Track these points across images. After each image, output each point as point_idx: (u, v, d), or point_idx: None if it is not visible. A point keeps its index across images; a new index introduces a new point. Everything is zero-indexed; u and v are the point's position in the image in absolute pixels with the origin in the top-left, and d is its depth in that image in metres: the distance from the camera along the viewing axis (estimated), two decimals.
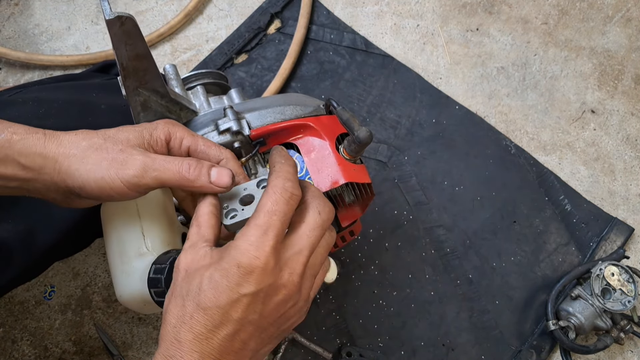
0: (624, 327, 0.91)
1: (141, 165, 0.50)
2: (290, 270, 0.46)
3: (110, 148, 0.51)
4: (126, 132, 0.53)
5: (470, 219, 1.00)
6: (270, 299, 0.46)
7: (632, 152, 1.05)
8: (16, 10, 1.14)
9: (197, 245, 0.48)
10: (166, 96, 0.62)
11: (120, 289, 0.59)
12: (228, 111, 0.63)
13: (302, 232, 0.48)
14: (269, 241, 0.45)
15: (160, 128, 0.54)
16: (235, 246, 0.45)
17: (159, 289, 0.52)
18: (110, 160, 0.50)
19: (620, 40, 1.12)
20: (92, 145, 0.51)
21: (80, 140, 0.51)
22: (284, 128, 0.65)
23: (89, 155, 0.51)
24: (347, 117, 0.62)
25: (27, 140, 0.51)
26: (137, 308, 0.61)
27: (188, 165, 0.51)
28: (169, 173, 0.51)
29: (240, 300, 0.44)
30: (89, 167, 0.50)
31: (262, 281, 0.44)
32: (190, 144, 0.55)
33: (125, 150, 0.51)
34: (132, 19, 0.52)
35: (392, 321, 0.94)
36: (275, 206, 0.46)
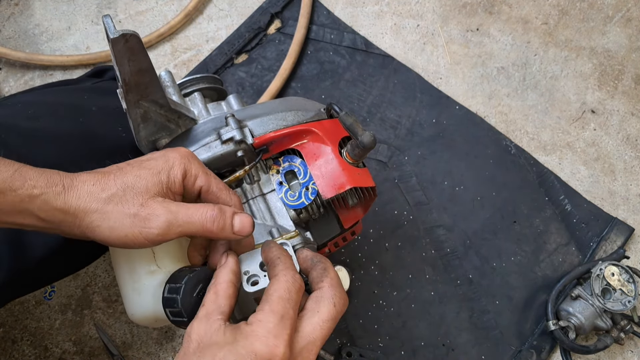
0: (624, 327, 0.91)
1: (165, 223, 0.50)
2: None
3: (130, 201, 0.50)
4: (144, 180, 0.52)
5: (470, 219, 1.00)
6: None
7: (632, 152, 1.05)
8: (16, 10, 1.14)
9: (211, 316, 0.47)
10: (165, 106, 0.61)
11: (132, 308, 0.59)
12: (230, 120, 0.63)
13: (315, 323, 0.48)
14: (286, 330, 0.45)
15: (177, 167, 0.53)
16: (252, 331, 0.45)
17: (175, 309, 0.51)
18: (133, 217, 0.50)
19: (620, 40, 1.12)
20: (111, 197, 0.50)
21: (99, 191, 0.51)
22: (287, 134, 0.65)
23: (109, 210, 0.50)
24: (351, 122, 0.62)
25: (47, 195, 0.49)
26: (148, 324, 0.61)
27: (212, 218, 0.51)
28: (193, 227, 0.51)
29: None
30: (111, 225, 0.50)
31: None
32: (203, 185, 0.54)
33: (146, 204, 0.51)
34: (137, 36, 0.51)
35: (392, 321, 0.94)
36: (288, 294, 0.47)
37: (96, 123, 0.74)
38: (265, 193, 0.65)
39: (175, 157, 0.54)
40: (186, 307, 0.51)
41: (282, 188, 0.65)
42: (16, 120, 0.68)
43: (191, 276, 0.52)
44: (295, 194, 0.64)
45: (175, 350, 0.91)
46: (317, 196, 0.64)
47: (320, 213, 0.67)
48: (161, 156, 0.54)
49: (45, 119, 0.70)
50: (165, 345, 0.92)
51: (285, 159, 0.66)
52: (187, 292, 0.51)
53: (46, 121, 0.70)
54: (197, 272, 0.53)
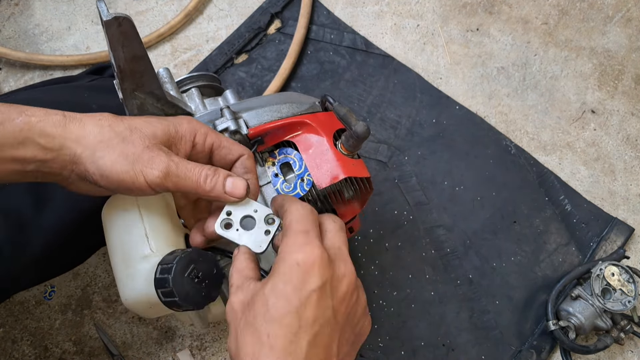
0: (624, 327, 0.91)
1: (165, 168, 0.51)
2: (342, 261, 0.48)
3: (137, 142, 0.51)
4: (153, 127, 0.52)
5: (470, 219, 1.00)
6: (336, 290, 0.46)
7: (632, 152, 1.05)
8: (16, 10, 1.14)
9: (243, 284, 0.49)
10: (162, 98, 0.62)
11: (126, 293, 0.59)
12: (225, 111, 0.63)
13: (331, 235, 0.50)
14: (314, 238, 0.47)
15: (185, 125, 0.55)
16: (285, 252, 0.46)
17: (167, 289, 0.52)
18: (136, 156, 0.50)
19: (620, 40, 1.12)
20: (118, 134, 0.50)
21: (106, 126, 0.51)
22: (281, 126, 0.65)
23: (113, 145, 0.50)
24: (344, 112, 0.63)
25: (46, 121, 0.49)
26: (142, 311, 0.61)
27: (206, 175, 0.52)
28: (188, 182, 0.52)
29: (311, 298, 0.44)
30: (114, 158, 0.50)
31: (324, 273, 0.45)
32: (214, 140, 0.56)
33: (151, 147, 0.51)
34: (130, 19, 0.52)
35: (392, 321, 0.94)
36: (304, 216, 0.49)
37: None
38: (261, 185, 0.66)
39: (183, 117, 0.56)
40: (178, 287, 0.51)
41: (278, 180, 0.65)
42: None
43: (182, 256, 0.52)
44: (290, 186, 0.65)
45: (175, 350, 0.91)
46: (313, 187, 0.65)
47: (318, 207, 0.67)
48: (172, 117, 0.56)
49: None
50: (165, 345, 0.91)
51: (280, 151, 0.67)
52: (178, 271, 0.51)
53: None
54: (188, 253, 0.53)
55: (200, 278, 0.53)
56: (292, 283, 0.44)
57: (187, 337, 0.92)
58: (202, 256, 0.54)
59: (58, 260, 0.74)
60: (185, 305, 0.52)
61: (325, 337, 0.44)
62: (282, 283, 0.44)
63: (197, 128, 0.55)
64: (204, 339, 0.92)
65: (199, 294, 0.53)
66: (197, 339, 0.92)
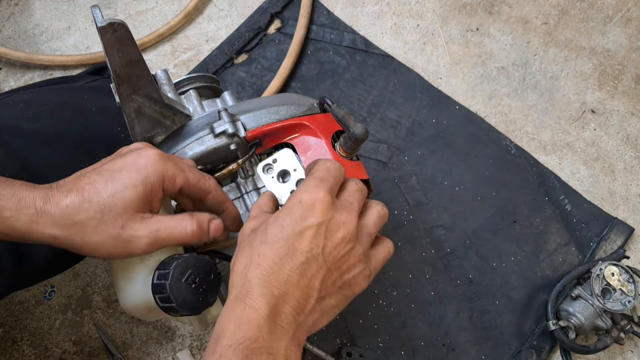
0: (624, 327, 0.90)
1: (148, 243, 0.52)
2: (346, 211, 0.50)
3: (110, 223, 0.51)
4: (121, 200, 0.51)
5: (470, 219, 1.00)
6: (331, 234, 0.48)
7: (632, 152, 1.05)
8: (16, 10, 1.14)
9: (258, 215, 0.53)
10: (160, 101, 0.62)
11: (124, 297, 0.59)
12: (223, 114, 0.63)
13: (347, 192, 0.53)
14: (325, 185, 0.50)
15: (152, 176, 0.52)
16: (297, 191, 0.50)
17: (164, 295, 0.52)
18: (115, 239, 0.51)
19: (620, 40, 1.12)
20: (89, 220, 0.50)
21: (75, 214, 0.50)
22: (280, 128, 0.65)
23: (89, 232, 0.51)
24: (342, 114, 0.63)
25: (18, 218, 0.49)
26: (141, 315, 0.61)
27: (192, 231, 0.54)
28: (175, 240, 0.54)
29: (305, 232, 0.48)
30: (94, 247, 0.51)
31: (323, 213, 0.48)
32: (183, 183, 0.55)
33: (126, 226, 0.51)
34: (125, 25, 0.52)
35: (392, 321, 0.94)
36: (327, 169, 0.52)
37: (96, 123, 0.74)
38: (259, 187, 0.66)
39: (147, 163, 0.53)
40: (175, 293, 0.51)
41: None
42: (17, 121, 0.68)
43: (179, 262, 0.52)
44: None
45: (175, 350, 0.91)
46: None
47: None
48: (132, 164, 0.52)
49: (46, 120, 0.70)
50: (165, 345, 0.92)
51: None
52: (175, 277, 0.51)
53: (47, 122, 0.70)
54: (185, 258, 0.53)
55: (198, 283, 0.53)
56: (291, 216, 0.48)
57: (187, 337, 0.92)
58: (199, 261, 0.54)
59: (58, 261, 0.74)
60: (183, 311, 0.52)
61: (309, 270, 0.47)
62: (283, 214, 0.49)
63: (165, 174, 0.53)
64: (204, 338, 0.92)
65: (196, 300, 0.53)
66: (197, 339, 0.92)
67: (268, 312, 0.45)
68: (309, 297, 0.47)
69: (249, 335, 0.44)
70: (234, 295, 0.47)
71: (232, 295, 0.47)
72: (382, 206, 0.55)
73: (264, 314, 0.45)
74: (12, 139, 0.66)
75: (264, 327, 0.44)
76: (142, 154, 0.53)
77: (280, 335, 0.45)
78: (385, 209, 0.55)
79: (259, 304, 0.45)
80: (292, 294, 0.46)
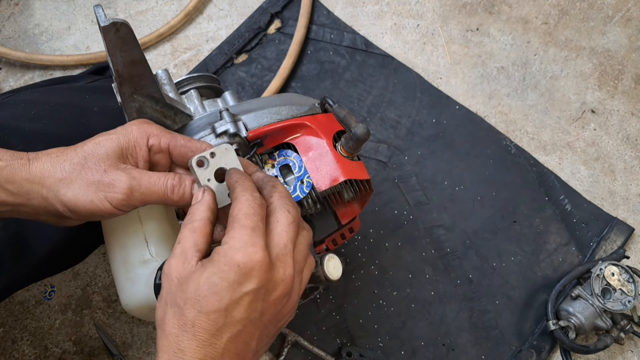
0: (624, 327, 0.91)
1: (127, 187, 0.52)
2: (283, 265, 0.47)
3: (93, 168, 0.52)
4: (104, 147, 0.53)
5: (470, 219, 1.00)
6: (269, 295, 0.46)
7: (632, 152, 1.05)
8: (16, 10, 1.14)
9: (188, 253, 0.47)
10: (161, 101, 0.62)
11: (126, 297, 0.59)
12: (224, 114, 0.63)
13: (280, 230, 0.48)
14: (259, 239, 0.46)
15: (135, 132, 0.54)
16: (229, 247, 0.46)
17: None
18: (97, 183, 0.51)
19: (620, 40, 1.12)
20: (74, 166, 0.52)
21: (62, 161, 0.52)
22: (281, 128, 0.65)
23: (73, 178, 0.51)
24: (344, 114, 0.62)
25: (12, 166, 0.51)
26: (142, 315, 0.61)
27: (172, 186, 0.53)
28: (154, 195, 0.53)
29: (243, 300, 0.45)
30: (76, 192, 0.51)
31: (262, 277, 0.45)
32: (170, 141, 0.55)
33: (109, 170, 0.52)
34: (127, 25, 0.52)
35: (392, 321, 0.94)
36: (252, 210, 0.47)
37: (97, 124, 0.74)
38: None
39: (132, 124, 0.55)
40: None
41: None
42: (19, 122, 0.68)
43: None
44: (290, 188, 0.65)
45: None
46: (312, 189, 0.64)
47: (317, 209, 0.67)
48: (120, 127, 0.55)
49: (48, 120, 0.70)
50: None
51: (280, 153, 0.67)
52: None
53: (48, 122, 0.70)
54: None
55: None
56: (227, 281, 0.44)
57: None
58: None
59: (57, 261, 0.74)
60: None
61: (247, 335, 0.46)
62: (218, 278, 0.44)
63: (149, 131, 0.55)
64: None
65: None
66: None
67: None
68: (245, 356, 0.46)
69: None
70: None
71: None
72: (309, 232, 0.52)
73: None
74: (13, 139, 0.66)
75: None
76: (131, 122, 0.56)
77: None
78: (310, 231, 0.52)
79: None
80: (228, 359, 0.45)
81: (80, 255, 0.79)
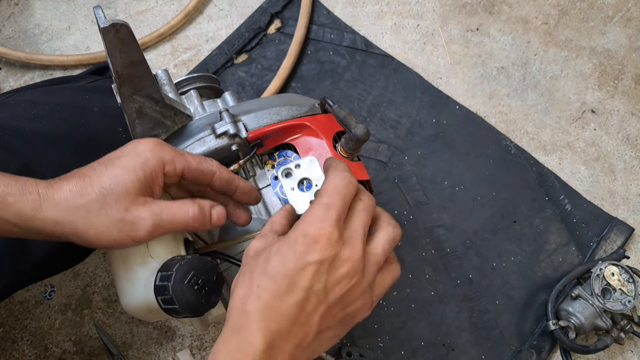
0: (624, 327, 0.91)
1: (151, 226, 0.52)
2: (351, 245, 0.48)
3: (114, 206, 0.51)
4: (123, 183, 0.52)
5: (470, 219, 1.00)
6: (334, 270, 0.47)
7: (632, 152, 1.05)
8: (16, 10, 1.14)
9: (266, 235, 0.51)
10: (161, 102, 0.62)
11: (126, 298, 0.59)
12: (224, 114, 0.63)
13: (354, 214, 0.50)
14: (332, 215, 0.48)
15: (151, 160, 0.53)
16: (301, 220, 0.48)
17: (166, 296, 0.52)
18: (119, 223, 0.51)
19: (620, 40, 1.12)
20: (92, 203, 0.51)
21: (78, 197, 0.51)
22: (281, 129, 0.65)
23: (93, 217, 0.51)
24: (344, 115, 0.62)
25: (22, 203, 0.50)
26: (142, 316, 0.61)
27: (194, 217, 0.54)
28: (177, 226, 0.54)
29: (306, 268, 0.46)
30: (98, 231, 0.51)
31: (327, 250, 0.46)
32: (184, 166, 0.55)
33: (130, 209, 0.51)
34: (127, 26, 0.52)
35: (392, 321, 0.94)
36: (335, 189, 0.49)
37: (97, 124, 0.74)
38: (260, 188, 0.66)
39: (145, 149, 0.54)
40: (177, 294, 0.51)
41: (277, 183, 0.65)
42: (19, 122, 0.68)
43: (182, 264, 0.52)
44: None
45: (175, 350, 0.91)
46: None
47: None
48: (131, 150, 0.54)
49: (48, 121, 0.70)
50: (165, 345, 0.92)
51: (280, 154, 0.67)
52: (178, 279, 0.51)
53: (48, 122, 0.70)
54: (188, 260, 0.53)
55: (200, 285, 0.53)
56: (294, 250, 0.47)
57: (187, 337, 0.92)
58: (201, 263, 0.54)
59: (57, 261, 0.74)
60: (185, 313, 0.52)
61: (309, 306, 0.46)
62: (286, 247, 0.47)
63: (164, 158, 0.54)
64: (204, 338, 0.92)
65: (198, 302, 0.53)
66: (197, 339, 0.92)
67: (264, 347, 0.44)
68: (308, 332, 0.47)
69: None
70: (230, 324, 0.46)
71: (229, 324, 0.46)
72: (394, 227, 0.52)
73: (260, 348, 0.44)
74: (13, 139, 0.66)
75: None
76: (141, 142, 0.54)
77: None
78: (397, 230, 0.52)
79: (256, 338, 0.44)
80: (290, 330, 0.46)
81: (80, 255, 0.79)
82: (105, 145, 0.72)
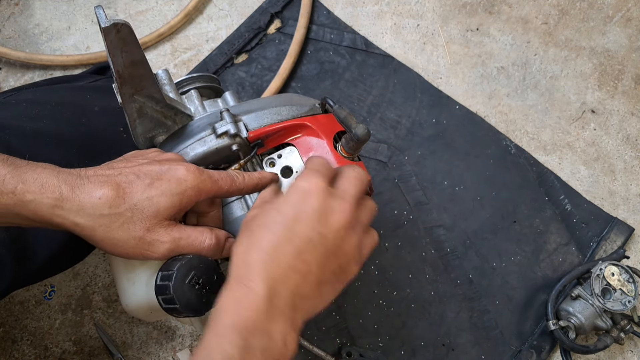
0: (624, 327, 0.91)
1: (167, 250, 0.53)
2: (341, 199, 0.51)
3: (138, 224, 0.52)
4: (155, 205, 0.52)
5: (470, 219, 1.00)
6: (328, 220, 0.49)
7: (632, 152, 1.05)
8: (16, 10, 1.14)
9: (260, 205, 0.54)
10: (161, 102, 0.62)
11: (126, 298, 0.59)
12: (225, 114, 0.63)
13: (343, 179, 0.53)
14: (321, 175, 0.51)
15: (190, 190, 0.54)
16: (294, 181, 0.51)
17: (167, 296, 0.52)
18: (138, 240, 0.52)
19: (620, 40, 1.12)
20: (118, 216, 0.51)
21: (106, 207, 0.51)
22: (282, 128, 0.65)
23: (114, 229, 0.51)
24: (345, 115, 0.63)
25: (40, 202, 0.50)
26: (143, 316, 0.61)
27: (209, 245, 0.56)
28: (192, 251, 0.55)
29: (302, 217, 0.49)
30: (115, 242, 0.52)
31: (321, 201, 0.49)
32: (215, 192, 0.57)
33: (152, 230, 0.52)
34: (128, 25, 0.52)
35: (392, 321, 0.94)
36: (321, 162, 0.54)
37: (98, 123, 0.74)
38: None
39: (187, 177, 0.54)
40: (178, 294, 0.51)
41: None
42: (20, 121, 0.68)
43: (183, 263, 0.53)
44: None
45: (175, 350, 0.91)
46: None
47: None
48: (172, 173, 0.54)
49: (48, 120, 0.70)
50: (165, 345, 0.92)
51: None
52: (179, 278, 0.52)
53: (49, 122, 0.70)
54: (189, 260, 0.53)
55: (201, 285, 0.53)
56: (290, 202, 0.50)
57: (187, 337, 0.92)
58: (202, 262, 0.54)
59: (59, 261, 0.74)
60: (186, 312, 0.53)
61: (307, 254, 0.48)
62: (282, 201, 0.50)
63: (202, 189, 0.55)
64: None
65: (199, 301, 0.53)
66: (197, 339, 0.92)
67: (266, 293, 0.46)
68: (307, 280, 0.48)
69: (247, 315, 0.45)
70: (234, 276, 0.48)
71: (232, 276, 0.48)
72: (372, 201, 0.56)
73: (262, 295, 0.46)
74: (14, 139, 0.66)
75: (262, 308, 0.45)
76: (182, 166, 0.55)
77: (278, 317, 0.46)
78: (374, 204, 0.56)
79: (258, 285, 0.46)
80: (290, 277, 0.47)
81: (81, 255, 0.79)
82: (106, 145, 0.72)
